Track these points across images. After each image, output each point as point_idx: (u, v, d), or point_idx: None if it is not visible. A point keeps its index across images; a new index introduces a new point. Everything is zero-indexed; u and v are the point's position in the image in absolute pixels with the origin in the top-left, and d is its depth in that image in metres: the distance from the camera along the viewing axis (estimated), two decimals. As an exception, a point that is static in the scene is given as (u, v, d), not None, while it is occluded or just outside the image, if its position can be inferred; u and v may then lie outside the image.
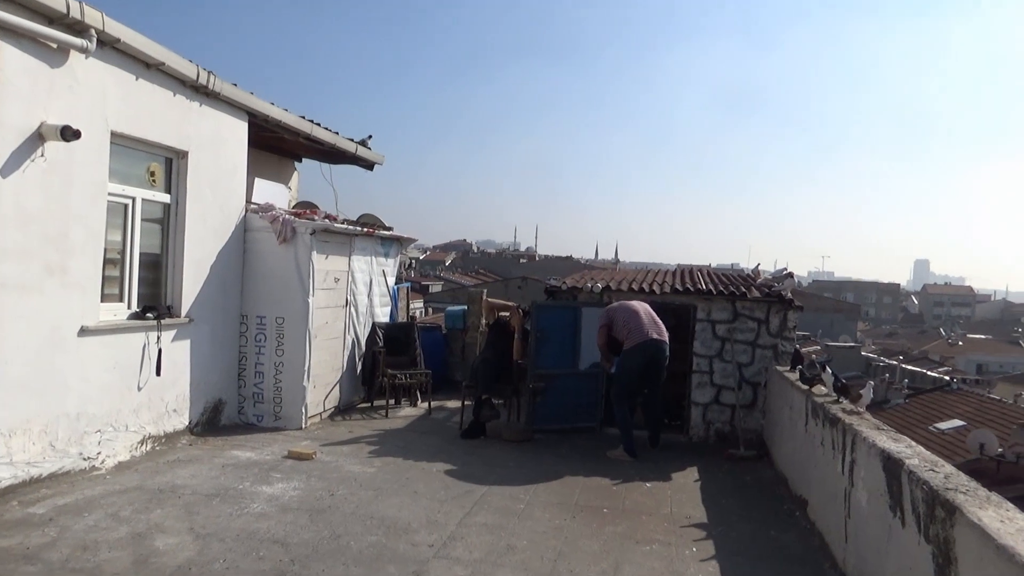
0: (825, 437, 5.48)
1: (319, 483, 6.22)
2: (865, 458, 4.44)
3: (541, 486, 6.54)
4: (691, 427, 8.67)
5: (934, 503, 3.33)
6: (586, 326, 8.64)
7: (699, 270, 10.98)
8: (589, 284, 8.85)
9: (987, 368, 55.35)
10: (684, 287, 8.74)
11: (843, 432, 4.98)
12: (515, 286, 43.11)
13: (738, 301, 8.56)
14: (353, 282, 9.41)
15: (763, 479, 7.20)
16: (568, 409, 8.65)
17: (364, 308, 9.80)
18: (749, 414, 8.51)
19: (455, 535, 5.21)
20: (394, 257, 10.73)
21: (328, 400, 8.92)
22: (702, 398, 8.61)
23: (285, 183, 11.07)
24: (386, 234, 10.16)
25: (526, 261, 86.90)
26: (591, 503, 6.14)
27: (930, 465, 3.80)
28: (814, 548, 5.30)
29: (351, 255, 9.29)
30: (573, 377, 8.69)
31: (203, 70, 7.12)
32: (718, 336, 8.59)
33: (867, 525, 4.31)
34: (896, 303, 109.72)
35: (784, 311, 8.49)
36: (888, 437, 4.50)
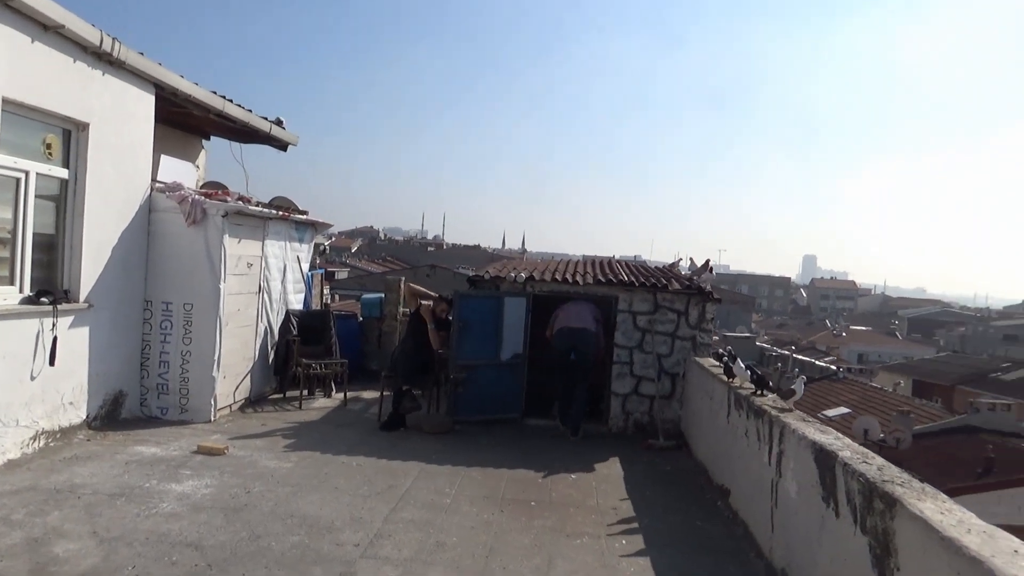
0: (750, 428, 5.58)
1: (233, 480, 5.89)
2: (795, 450, 4.52)
3: (466, 479, 6.41)
4: (611, 418, 8.73)
5: (872, 495, 3.40)
6: (508, 316, 8.55)
7: (618, 261, 11.07)
8: (512, 274, 8.76)
9: (867, 358, 58.98)
10: (607, 278, 8.77)
11: (770, 424, 5.07)
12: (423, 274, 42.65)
13: (659, 293, 8.66)
14: (267, 268, 8.99)
15: (683, 469, 7.31)
16: (490, 400, 8.55)
17: (278, 295, 9.38)
18: (667, 404, 8.64)
19: (382, 533, 5.02)
20: (309, 242, 10.32)
21: (239, 391, 8.50)
22: (622, 389, 8.68)
23: (192, 161, 10.46)
24: (301, 218, 9.75)
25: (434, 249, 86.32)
26: (518, 496, 6.06)
27: (862, 457, 3.89)
28: (738, 537, 5.39)
29: (265, 239, 8.86)
30: (495, 368, 8.58)
31: (107, 36, 6.57)
32: (639, 327, 8.67)
33: (796, 515, 4.40)
34: (787, 296, 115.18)
35: (703, 303, 8.65)
36: (816, 429, 4.60)
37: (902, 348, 62.78)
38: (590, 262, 10.83)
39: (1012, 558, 2.58)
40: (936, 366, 42.11)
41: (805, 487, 4.30)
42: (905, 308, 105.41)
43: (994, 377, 36.02)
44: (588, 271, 9.44)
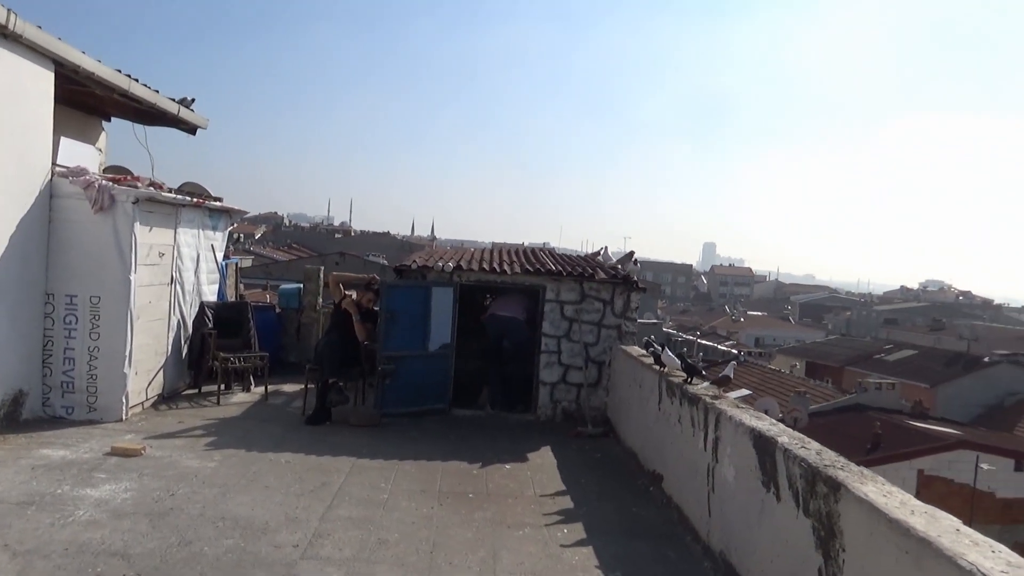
0: (683, 415, 5.72)
1: (154, 482, 5.58)
2: (732, 436, 4.66)
3: (400, 473, 6.31)
4: (539, 407, 8.78)
5: (815, 479, 3.54)
6: (436, 306, 8.46)
7: (541, 249, 11.11)
8: (439, 264, 8.65)
9: (763, 341, 61.83)
10: (534, 268, 8.79)
11: (705, 411, 5.21)
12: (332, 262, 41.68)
13: (586, 282, 8.75)
14: (179, 257, 8.54)
15: (613, 455, 7.44)
16: (418, 391, 8.44)
17: (191, 286, 8.94)
18: (594, 392, 8.76)
19: (320, 532, 4.87)
20: (223, 231, 9.89)
21: (151, 388, 8.07)
22: (550, 377, 8.74)
23: (92, 144, 9.82)
24: (215, 205, 9.32)
25: (342, 236, 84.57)
26: (455, 488, 6.01)
27: (800, 442, 4.04)
28: (674, 522, 5.53)
29: (177, 227, 8.41)
30: (422, 359, 8.48)
31: (2, 7, 6.06)
32: (566, 316, 8.74)
33: (735, 500, 4.54)
34: (688, 282, 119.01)
35: (628, 292, 8.80)
36: (752, 415, 4.75)
37: (795, 332, 66.07)
38: (516, 251, 10.83)
39: (956, 536, 2.73)
40: (827, 348, 44.52)
41: (744, 472, 4.44)
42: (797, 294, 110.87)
43: (879, 358, 38.40)
44: (515, 260, 9.44)
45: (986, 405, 32.17)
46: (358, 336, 8.28)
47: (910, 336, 49.70)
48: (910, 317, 73.56)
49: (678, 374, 6.29)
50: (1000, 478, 19.56)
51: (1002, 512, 19.86)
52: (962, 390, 32.40)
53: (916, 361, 36.56)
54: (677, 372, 6.33)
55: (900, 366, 35.63)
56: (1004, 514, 19.84)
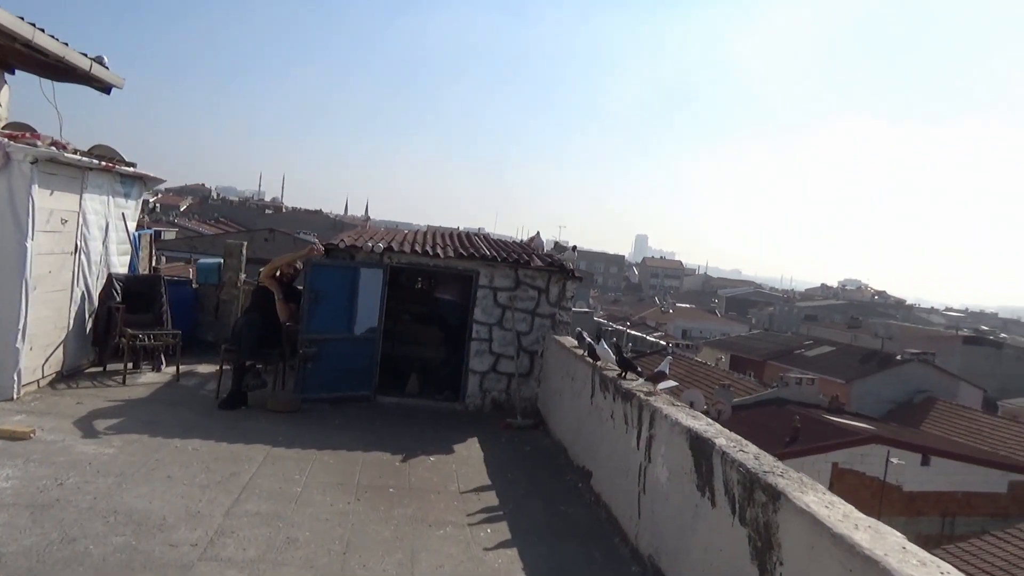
0: (616, 411, 5.53)
1: (42, 469, 5.08)
2: (667, 435, 4.48)
3: (318, 464, 5.94)
4: (468, 395, 8.50)
5: (753, 486, 3.37)
6: (364, 288, 8.07)
7: (477, 234, 10.80)
8: (370, 244, 8.24)
9: (690, 333, 63.10)
10: (468, 252, 8.48)
11: (639, 408, 5.02)
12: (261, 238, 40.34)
13: (521, 269, 8.49)
14: (85, 225, 7.91)
15: (542, 448, 7.22)
16: (341, 376, 8.05)
17: (98, 256, 8.30)
18: (525, 382, 8.53)
19: (224, 529, 4.49)
20: (136, 199, 9.23)
21: (49, 364, 7.45)
22: (480, 366, 8.47)
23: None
24: (128, 171, 8.67)
25: (272, 212, 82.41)
26: (375, 482, 5.68)
27: (738, 445, 3.88)
28: (602, 521, 5.34)
29: (83, 193, 7.78)
30: (347, 342, 8.08)
31: None
32: (499, 303, 8.48)
33: (667, 502, 4.36)
34: (620, 273, 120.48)
35: (564, 281, 8.58)
36: (688, 414, 4.58)
37: (720, 325, 67.64)
38: (449, 234, 10.49)
39: (903, 555, 2.57)
40: (750, 342, 45.64)
41: (677, 474, 4.27)
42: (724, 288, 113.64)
43: (799, 353, 39.55)
44: (448, 244, 9.11)
45: (897, 401, 33.48)
46: (280, 316, 7.83)
47: (829, 333, 51.39)
48: (829, 314, 76.24)
49: (612, 368, 6.11)
50: (908, 472, 20.34)
51: (908, 505, 20.68)
52: (875, 386, 33.64)
53: (834, 357, 37.77)
54: (611, 366, 6.14)
55: (819, 361, 36.75)
56: (909, 507, 20.68)
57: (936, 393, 33.16)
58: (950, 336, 52.61)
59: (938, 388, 33.95)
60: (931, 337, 50.42)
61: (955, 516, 21.13)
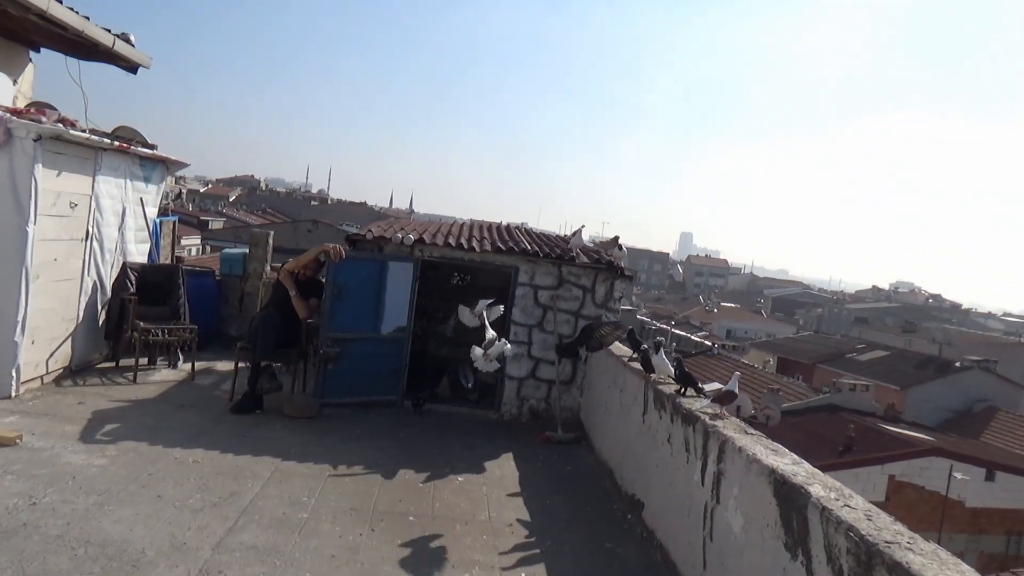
0: (674, 435, 4.73)
1: (17, 484, 4.49)
2: (742, 473, 3.67)
3: (331, 483, 5.25)
4: (503, 403, 7.75)
5: (871, 562, 2.54)
6: (392, 283, 7.38)
7: (518, 228, 10.04)
8: (399, 235, 7.54)
9: (735, 333, 61.56)
10: (507, 246, 7.72)
11: (704, 434, 4.22)
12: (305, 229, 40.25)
13: (564, 266, 7.71)
14: (98, 210, 7.36)
15: (585, 468, 6.44)
16: (366, 379, 7.37)
17: (113, 244, 7.76)
18: (567, 391, 7.76)
19: (209, 567, 3.81)
20: (157, 183, 8.68)
21: (55, 360, 6.92)
22: (518, 372, 7.71)
23: (13, 76, 8.56)
24: (147, 152, 8.11)
25: (318, 204, 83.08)
26: (394, 507, 4.97)
27: (840, 496, 3.05)
28: (657, 566, 4.55)
29: (96, 175, 7.22)
30: (373, 342, 7.40)
31: None
32: (540, 303, 7.71)
33: (742, 558, 3.56)
34: (664, 271, 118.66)
35: (611, 280, 7.79)
36: (767, 448, 3.76)
37: (766, 325, 65.93)
38: (488, 227, 9.75)
39: None
40: (798, 345, 44.13)
41: (757, 524, 3.45)
42: (770, 288, 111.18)
43: (851, 357, 38.03)
44: (485, 236, 8.36)
45: (955, 410, 31.98)
46: (298, 312, 7.18)
47: (881, 336, 49.58)
48: (881, 317, 73.86)
49: (668, 382, 5.30)
50: (971, 487, 19.17)
51: (970, 522, 19.51)
52: (932, 394, 32.18)
53: (888, 362, 36.26)
54: (668, 379, 5.33)
55: (872, 366, 35.29)
56: (972, 524, 19.50)
57: (997, 403, 31.59)
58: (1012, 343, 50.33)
59: (999, 397, 32.35)
60: (991, 343, 48.25)
61: (1021, 535, 19.91)
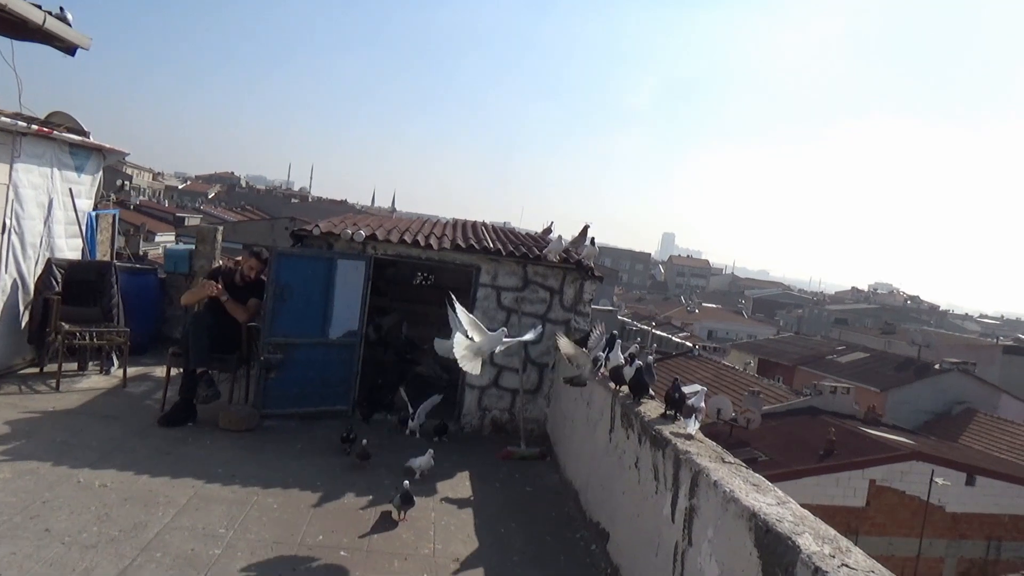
0: (642, 459, 4.16)
1: None
2: (717, 513, 3.10)
3: (255, 509, 4.63)
4: (464, 414, 7.16)
5: (878, 646, 2.00)
6: (342, 283, 6.77)
7: (483, 225, 9.45)
8: (349, 231, 6.91)
9: (716, 334, 61.34)
10: (467, 243, 7.12)
11: (675, 462, 3.65)
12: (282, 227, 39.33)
13: (530, 265, 7.13)
14: (18, 200, 6.71)
15: (548, 489, 5.85)
16: (312, 388, 6.76)
17: (36, 238, 7.10)
18: (532, 400, 7.19)
19: (86, 623, 3.19)
20: (92, 173, 8.01)
21: (-38, 366, 6.26)
22: (479, 380, 7.11)
23: (-69, 54, 7.83)
24: (76, 139, 7.43)
25: (298, 202, 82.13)
26: (325, 540, 4.36)
27: (836, 551, 2.49)
28: (621, 609, 3.99)
29: (14, 162, 6.56)
30: (321, 347, 6.79)
31: None
32: (503, 306, 7.13)
33: (717, 613, 3.00)
34: (646, 271, 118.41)
35: (581, 281, 7.22)
36: (746, 482, 3.19)
37: (747, 326, 65.78)
38: (451, 224, 9.16)
39: None
40: (779, 346, 43.86)
41: (734, 573, 2.89)
42: (751, 288, 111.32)
43: (831, 359, 37.79)
44: (445, 233, 7.76)
45: (934, 412, 31.84)
46: (236, 317, 6.55)
47: (861, 338, 49.52)
48: (860, 318, 74.07)
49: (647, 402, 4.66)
50: (952, 492, 18.86)
51: (951, 527, 19.21)
52: (912, 396, 32.00)
53: (868, 364, 36.07)
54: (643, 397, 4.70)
55: (852, 368, 35.07)
56: (952, 529, 19.21)
57: (976, 405, 31.45)
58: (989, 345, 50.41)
59: (978, 399, 32.21)
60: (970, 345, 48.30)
61: (1001, 540, 19.66)
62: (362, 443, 5.59)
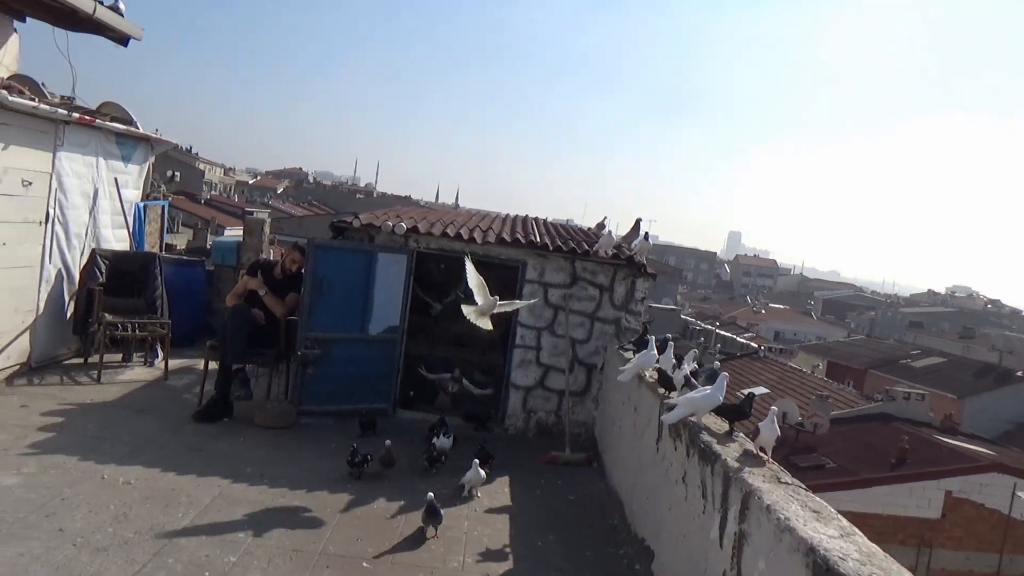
0: (690, 473, 3.77)
1: None
2: (771, 543, 2.70)
3: (279, 513, 4.41)
4: (508, 415, 6.85)
5: None
6: (382, 277, 6.53)
7: (534, 220, 9.11)
8: (390, 223, 6.66)
9: (783, 336, 59.53)
10: (513, 238, 6.79)
11: (724, 480, 3.25)
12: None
13: (579, 261, 6.77)
14: (62, 190, 6.68)
15: (592, 498, 5.48)
16: (351, 385, 6.55)
17: (81, 228, 7.09)
18: (580, 403, 6.83)
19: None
20: (139, 163, 7.99)
21: (7, 356, 6.27)
22: (524, 380, 6.80)
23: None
24: (121, 128, 7.39)
25: (363, 197, 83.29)
26: (348, 548, 4.10)
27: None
28: (663, 640, 3.61)
29: (58, 150, 6.53)
30: (361, 343, 6.57)
31: None
32: (550, 303, 6.78)
33: (769, 659, 2.60)
34: (711, 270, 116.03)
35: (633, 278, 6.81)
36: (804, 507, 2.77)
37: (816, 328, 63.69)
38: (499, 218, 8.85)
39: None
40: (850, 349, 42.21)
41: (789, 617, 2.50)
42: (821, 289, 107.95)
43: (904, 363, 36.13)
44: (491, 227, 7.45)
45: (1015, 422, 30.10)
46: (274, 312, 6.40)
47: (937, 342, 47.31)
48: (936, 322, 70.94)
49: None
50: (1037, 507, 17.66)
51: (1035, 543, 18.01)
52: (992, 404, 30.33)
53: (944, 369, 34.36)
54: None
55: (927, 374, 33.45)
56: (1036, 546, 18.00)
57: (1061, 416, 29.65)
58: (1079, 352, 47.51)
59: (1063, 410, 30.36)
60: (1057, 352, 45.58)
61: (1092, 561, 18.35)
62: (386, 444, 5.29)
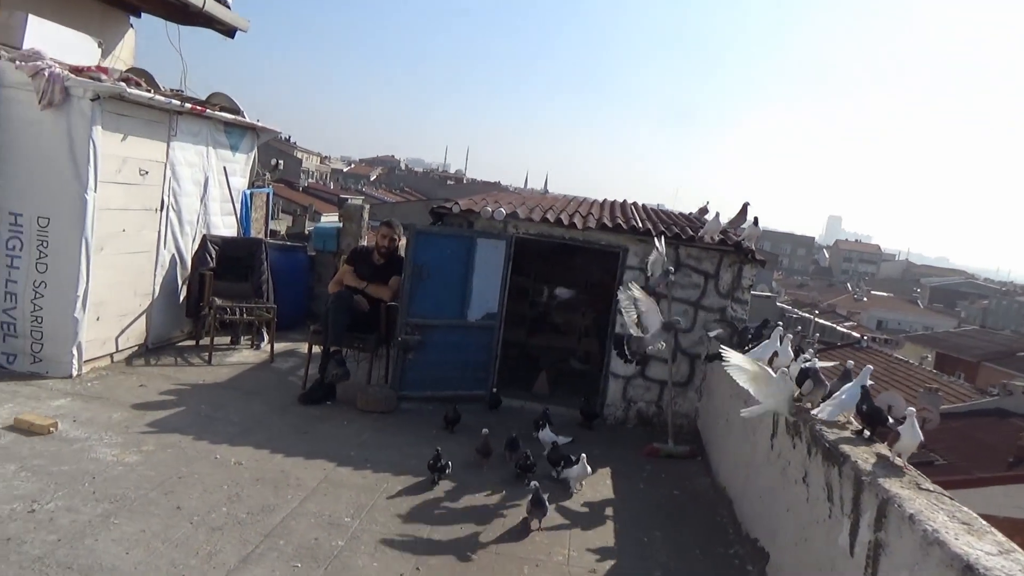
0: (812, 473, 3.55)
1: (28, 483, 3.94)
2: (915, 556, 2.48)
3: (382, 499, 4.43)
4: (607, 404, 6.71)
5: None
6: (481, 263, 6.48)
7: (632, 204, 8.88)
8: (490, 209, 6.60)
9: (886, 325, 56.70)
10: (614, 223, 6.62)
11: (856, 484, 3.02)
12: (437, 207, 40.40)
13: (682, 247, 6.54)
14: (175, 178, 6.92)
15: (697, 493, 5.30)
16: (450, 371, 6.55)
17: (193, 215, 7.33)
18: (683, 394, 6.62)
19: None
20: (246, 152, 8.21)
21: (126, 337, 6.54)
22: (624, 369, 6.62)
23: (109, 41, 8.32)
24: (229, 118, 7.60)
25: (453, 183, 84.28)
26: (451, 538, 4.07)
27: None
28: (783, 650, 3.41)
29: (171, 140, 6.76)
30: (460, 330, 6.55)
31: None
32: (653, 291, 6.58)
33: None
34: (809, 256, 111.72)
35: (740, 265, 6.53)
36: (952, 518, 2.53)
37: (923, 317, 60.43)
38: (598, 203, 8.66)
39: None
40: (961, 340, 39.74)
41: (939, 640, 2.28)
42: (928, 276, 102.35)
43: (1022, 355, 33.79)
44: (591, 212, 7.29)
45: None
46: (380, 298, 6.47)
47: (1060, 333, 44.06)
48: (1059, 312, 66.17)
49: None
50: None
51: None
52: (1122, 402, 27.97)
53: (1069, 363, 31.94)
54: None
55: (1047, 367, 31.18)
56: None
57: None
58: None
59: None
60: None
61: None
62: (483, 433, 5.23)
